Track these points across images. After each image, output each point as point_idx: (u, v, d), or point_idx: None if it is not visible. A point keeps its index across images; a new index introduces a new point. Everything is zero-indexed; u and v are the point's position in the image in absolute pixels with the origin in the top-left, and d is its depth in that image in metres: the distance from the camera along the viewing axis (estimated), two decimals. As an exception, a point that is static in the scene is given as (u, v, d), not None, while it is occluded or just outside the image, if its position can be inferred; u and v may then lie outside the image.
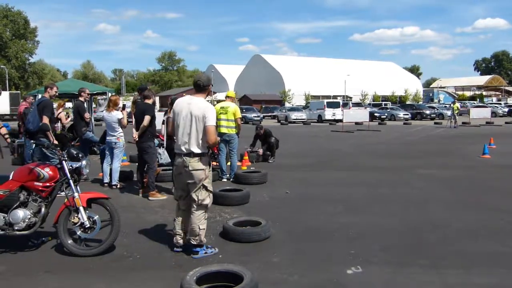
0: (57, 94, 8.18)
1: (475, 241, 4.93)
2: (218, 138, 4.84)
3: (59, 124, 8.74)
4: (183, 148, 4.43)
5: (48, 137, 7.08)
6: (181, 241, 4.56)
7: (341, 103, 38.14)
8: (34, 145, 7.34)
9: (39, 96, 12.04)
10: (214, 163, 9.49)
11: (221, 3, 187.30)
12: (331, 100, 42.11)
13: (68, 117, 11.27)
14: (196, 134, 4.39)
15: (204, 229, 4.48)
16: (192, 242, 4.46)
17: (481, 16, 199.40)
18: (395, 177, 9.14)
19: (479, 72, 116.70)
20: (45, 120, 7.13)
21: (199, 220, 4.43)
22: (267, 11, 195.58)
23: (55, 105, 9.37)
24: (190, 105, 4.46)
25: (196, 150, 4.38)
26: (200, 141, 4.41)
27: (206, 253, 4.47)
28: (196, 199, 4.43)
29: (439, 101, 69.34)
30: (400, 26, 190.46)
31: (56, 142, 7.19)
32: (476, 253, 4.54)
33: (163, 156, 7.30)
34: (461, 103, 41.51)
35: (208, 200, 4.50)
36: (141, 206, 6.64)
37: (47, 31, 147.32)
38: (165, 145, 7.54)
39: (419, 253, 4.50)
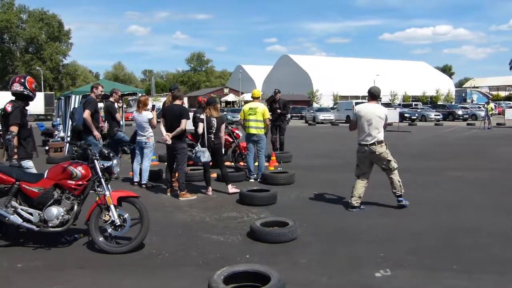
0: (102, 93, 8.50)
1: (509, 246, 4.76)
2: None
3: (106, 124, 8.98)
4: (370, 140, 6.26)
5: (92, 134, 7.35)
6: (355, 203, 6.31)
7: (370, 104, 37.47)
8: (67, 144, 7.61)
9: (73, 97, 12.48)
10: (242, 164, 9.54)
11: (250, 3, 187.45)
12: (360, 100, 41.54)
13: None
14: (380, 128, 6.33)
15: (400, 181, 6.39)
16: (397, 193, 6.38)
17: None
18: (425, 178, 8.93)
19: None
20: (86, 113, 7.50)
21: (396, 176, 6.40)
22: (296, 11, 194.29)
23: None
24: (373, 109, 6.39)
25: (382, 138, 6.31)
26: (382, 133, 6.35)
27: (404, 202, 6.41)
28: (391, 168, 6.37)
29: (472, 101, 67.20)
30: (432, 25, 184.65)
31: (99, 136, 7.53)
32: (510, 258, 4.38)
33: (205, 154, 7.27)
34: (496, 103, 40.01)
35: (395, 164, 6.42)
36: (170, 205, 6.74)
37: (80, 33, 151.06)
38: (206, 144, 7.51)
39: (450, 257, 4.38)
